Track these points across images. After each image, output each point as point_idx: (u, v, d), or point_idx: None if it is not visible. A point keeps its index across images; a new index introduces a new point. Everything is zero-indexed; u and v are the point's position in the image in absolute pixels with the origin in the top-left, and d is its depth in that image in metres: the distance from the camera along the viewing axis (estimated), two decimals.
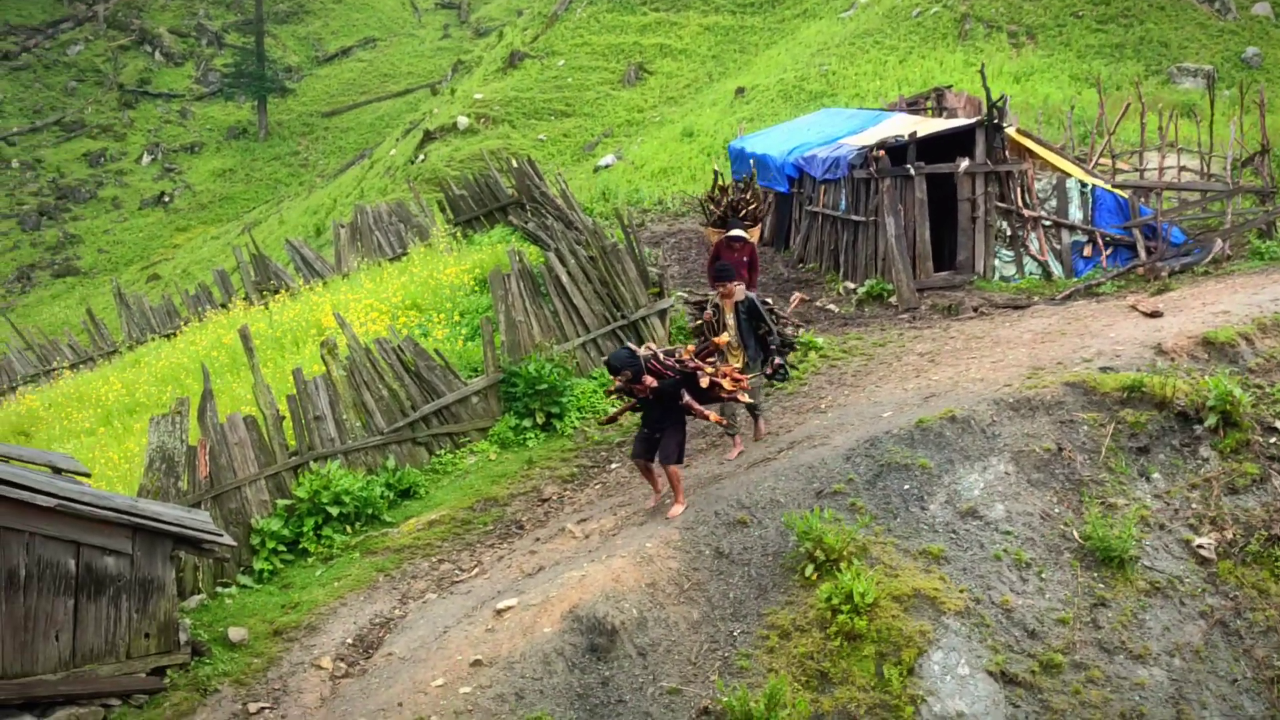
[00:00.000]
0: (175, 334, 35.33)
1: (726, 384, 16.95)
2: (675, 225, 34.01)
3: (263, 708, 14.72)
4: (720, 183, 26.30)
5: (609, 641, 14.65)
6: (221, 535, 16.54)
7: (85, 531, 15.39)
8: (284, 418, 20.40)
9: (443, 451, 21.51)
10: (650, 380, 16.43)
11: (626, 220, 25.55)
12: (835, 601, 14.83)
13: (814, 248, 29.64)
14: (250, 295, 35.31)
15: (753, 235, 23.67)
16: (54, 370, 37.32)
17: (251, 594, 18.06)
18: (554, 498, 19.28)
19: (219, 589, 18.34)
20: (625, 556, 15.79)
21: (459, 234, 33.68)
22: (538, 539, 17.76)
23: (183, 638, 16.08)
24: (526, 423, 21.73)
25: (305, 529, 19.19)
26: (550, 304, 23.64)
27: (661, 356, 16.75)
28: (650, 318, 24.12)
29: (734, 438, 18.89)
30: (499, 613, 15.34)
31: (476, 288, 27.38)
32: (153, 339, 36.20)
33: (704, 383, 16.66)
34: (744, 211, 24.38)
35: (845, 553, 15.36)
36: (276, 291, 34.03)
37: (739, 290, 18.49)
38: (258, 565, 18.72)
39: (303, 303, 30.53)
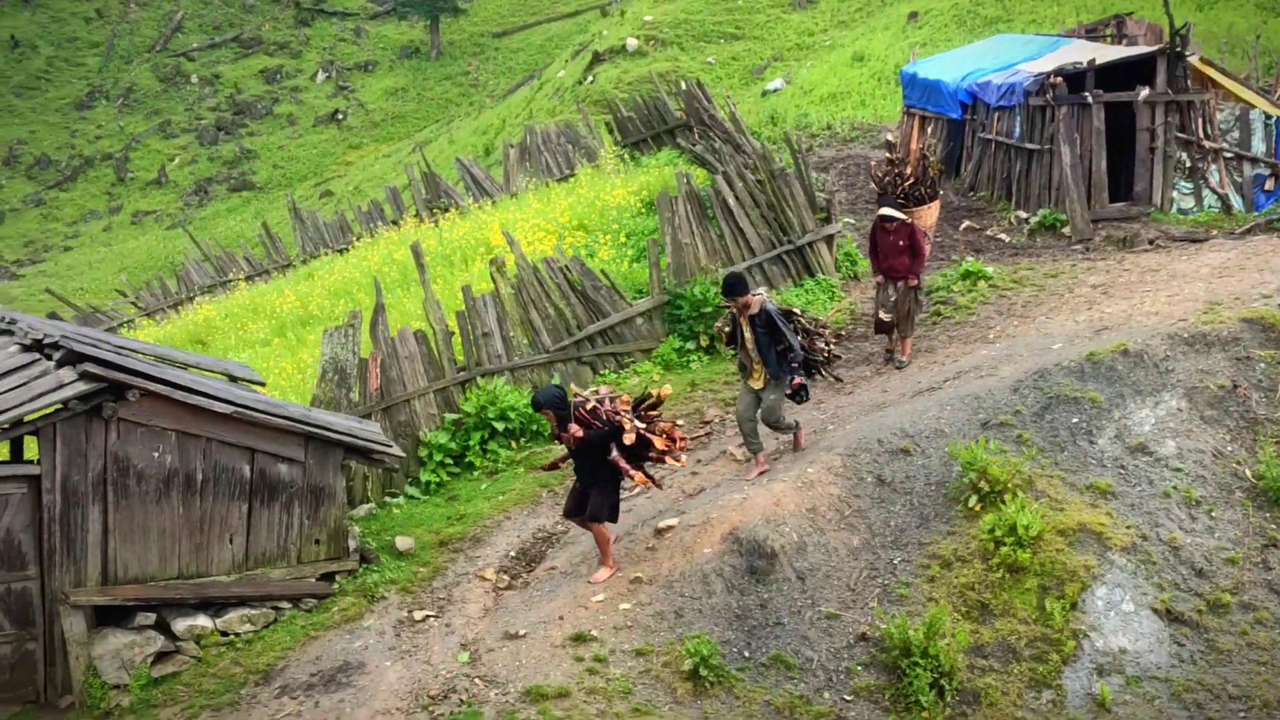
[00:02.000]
0: (347, 249, 35.95)
1: (659, 442, 14.93)
2: (843, 150, 33.63)
3: (428, 615, 15.06)
4: (892, 154, 22.12)
5: (768, 564, 14.71)
6: (391, 446, 16.91)
7: (260, 438, 15.82)
8: (452, 334, 20.70)
9: (606, 371, 21.67)
10: (576, 429, 14.64)
11: (795, 145, 25.36)
12: (998, 533, 14.70)
13: (985, 175, 29.12)
14: (421, 213, 35.75)
15: (922, 216, 20.72)
16: (230, 282, 38.23)
17: (418, 505, 18.45)
18: (715, 420, 19.34)
19: (387, 499, 18.77)
20: (786, 481, 15.81)
21: (626, 156, 33.70)
22: (699, 461, 17.85)
23: (351, 545, 16.50)
24: (690, 345, 21.78)
25: (471, 443, 19.53)
26: (716, 227, 23.60)
27: (595, 405, 14.91)
28: (817, 243, 23.96)
29: (757, 456, 16.89)
30: (659, 532, 15.48)
31: (643, 210, 27.42)
32: (325, 253, 36.88)
33: (628, 439, 14.73)
34: (901, 189, 20.69)
35: (1010, 485, 15.20)
36: (446, 209, 34.42)
37: (755, 302, 16.30)
38: (425, 477, 19.10)
39: (472, 221, 30.86)
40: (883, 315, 19.90)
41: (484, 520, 17.13)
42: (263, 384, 18.57)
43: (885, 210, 19.60)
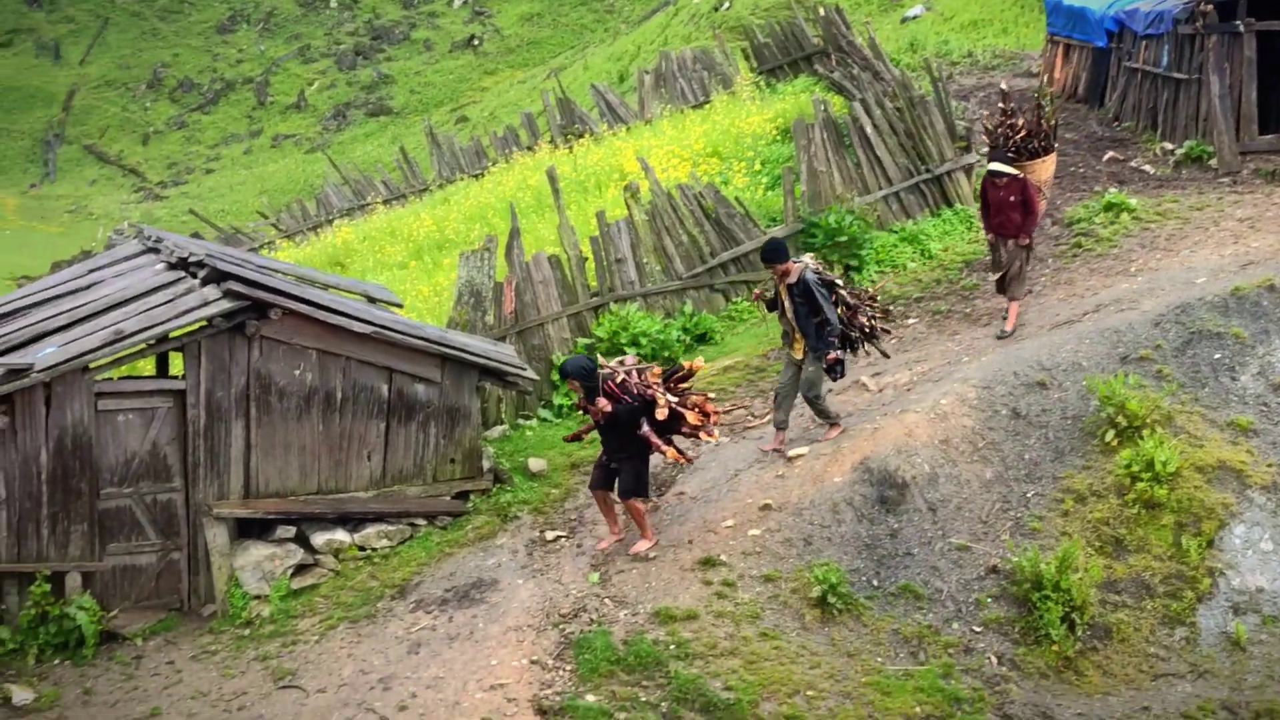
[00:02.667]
0: (483, 174, 36.14)
1: (691, 417, 14.46)
2: (984, 79, 33.04)
3: (559, 536, 15.25)
4: (1006, 104, 20.38)
5: (899, 494, 14.68)
6: (525, 369, 17.10)
7: (398, 359, 16.08)
8: (586, 259, 20.82)
9: (739, 299, 21.66)
10: (604, 404, 14.08)
11: (935, 72, 25.02)
12: (1135, 469, 14.53)
13: (1131, 105, 28.45)
14: (555, 138, 35.82)
15: (1035, 171, 19.15)
16: (368, 205, 38.68)
17: (551, 428, 18.65)
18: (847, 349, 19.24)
19: (520, 421, 19.00)
20: (919, 412, 15.73)
21: (762, 83, 33.43)
22: (830, 389, 17.80)
23: (485, 465, 16.74)
24: None
25: None
26: (853, 155, 23.40)
27: (625, 377, 14.38)
28: (955, 172, 23.66)
29: (779, 433, 16.10)
30: (790, 460, 15.51)
31: (778, 137, 27.24)
32: (461, 178, 37.12)
33: (661, 414, 14.18)
34: (1013, 142, 19.25)
35: (1148, 420, 14.99)
36: (580, 136, 34.45)
37: (794, 270, 15.35)
38: (557, 400, 19.29)
39: (606, 147, 30.87)
40: (993, 276, 19.13)
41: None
42: (400, 306, 18.84)
43: (994, 165, 18.22)
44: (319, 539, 15.57)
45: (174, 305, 15.24)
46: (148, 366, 18.34)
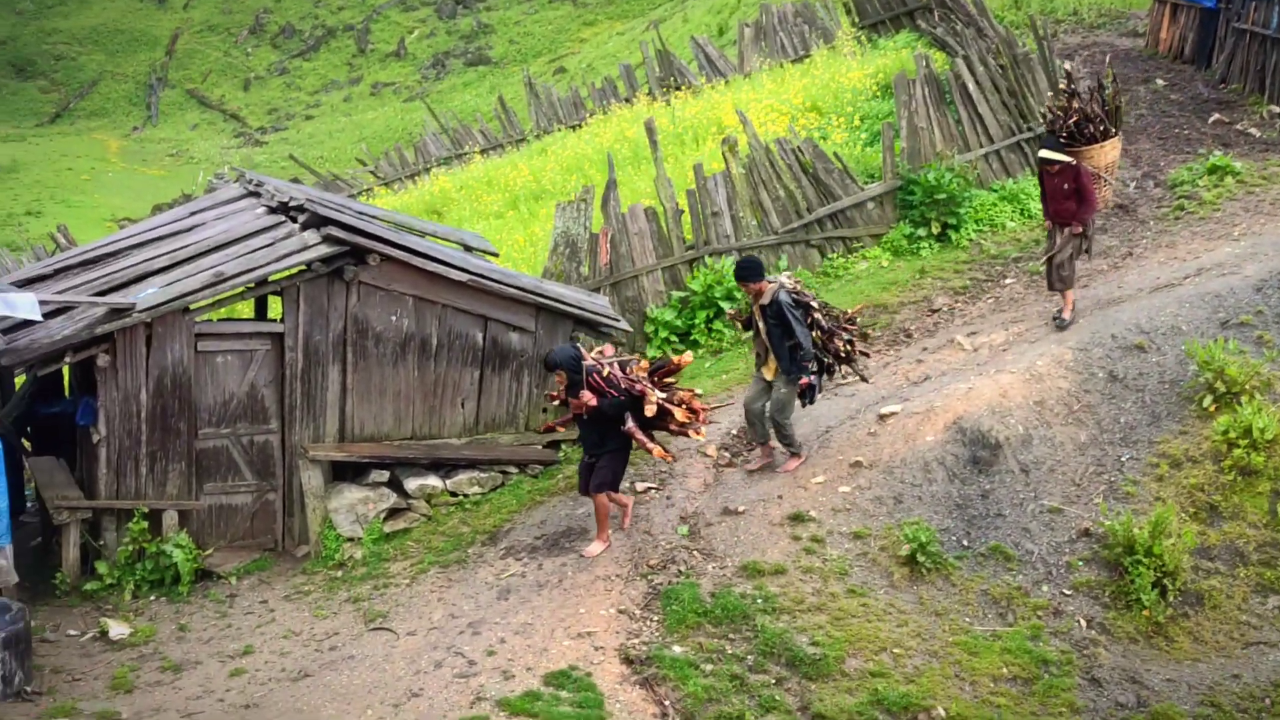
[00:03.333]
0: (580, 125, 36.14)
1: (678, 414, 13.91)
2: (1089, 38, 32.47)
3: (649, 488, 15.29)
4: (1068, 84, 18.36)
5: (992, 455, 14.59)
6: (618, 320, 17.15)
7: (493, 307, 16.18)
8: (682, 212, 20.78)
9: (834, 255, 21.53)
10: (588, 397, 13.50)
11: (1040, 30, 24.66)
12: (1232, 435, 14.33)
13: (1238, 68, 27.86)
14: (654, 91, 35.73)
15: (1093, 156, 17.48)
16: (465, 154, 38.82)
17: None
18: (944, 309, 19.11)
19: None
20: (1014, 372, 15.60)
21: (863, 37, 33.06)
22: (925, 348, 17.70)
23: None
24: (921, 231, 21.47)
25: (697, 321, 19.66)
26: (954, 112, 23.14)
27: (608, 369, 13.77)
28: None
29: (764, 445, 15.45)
30: (882, 418, 15.44)
31: (878, 93, 26.96)
32: (559, 129, 37.15)
33: (649, 410, 13.65)
34: (1064, 126, 17.68)
35: (1248, 386, 14.78)
36: (679, 88, 34.32)
37: (767, 291, 14.57)
38: (650, 353, 19.31)
39: (704, 100, 30.75)
40: (1042, 261, 17.98)
41: (707, 398, 17.24)
42: (496, 255, 18.93)
43: (1043, 152, 17.19)
44: (412, 484, 15.73)
45: (274, 249, 15.42)
46: (246, 309, 18.58)
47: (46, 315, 14.59)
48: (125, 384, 14.74)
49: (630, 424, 13.71)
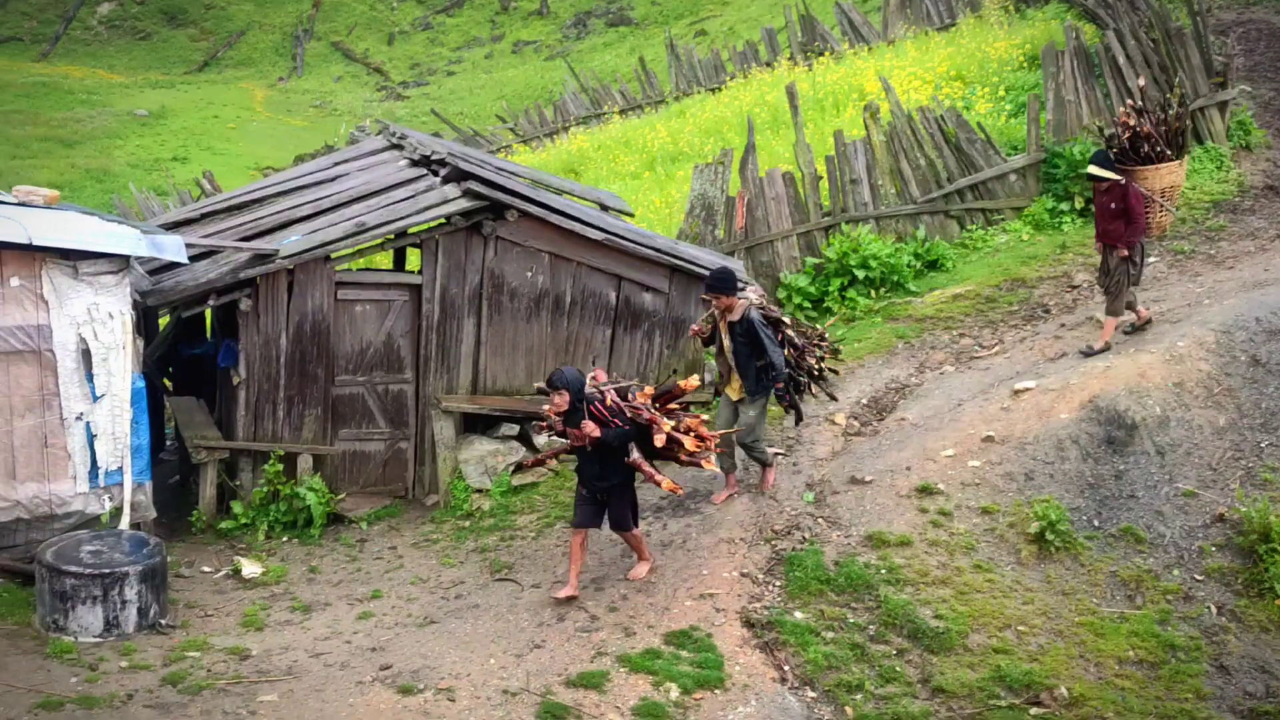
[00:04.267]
0: (720, 88, 36.01)
1: (688, 443, 12.56)
2: (1244, 14, 31.68)
3: (776, 453, 15.25)
4: (1136, 101, 17.47)
5: (1127, 435, 14.35)
6: (752, 284, 17.08)
7: (627, 267, 16.24)
8: (820, 178, 20.66)
9: (974, 227, 21.27)
10: (590, 428, 12.20)
11: (1195, 4, 24.07)
12: None
13: None
14: (795, 56, 35.49)
15: (1147, 178, 16.58)
16: (604, 114, 38.89)
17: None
18: (1084, 285, 18.80)
19: None
20: (1154, 353, 15.32)
21: (1011, 7, 32.51)
22: (1063, 325, 17.44)
23: (707, 379, 16.80)
24: (1064, 206, 21.12)
25: (831, 289, 19.57)
26: (1103, 85, 22.70)
27: (610, 398, 12.47)
28: (1209, 109, 22.74)
29: (728, 476, 14.48)
30: (1016, 393, 15.25)
31: (1025, 64, 26.54)
32: (698, 91, 37.05)
33: (659, 440, 12.40)
34: (1118, 144, 16.83)
35: None
36: (821, 54, 34.04)
37: (739, 307, 13.66)
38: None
39: (846, 67, 30.48)
40: (1099, 287, 17.01)
41: (837, 366, 17.18)
42: (631, 215, 18.99)
43: (1091, 167, 16.31)
44: (541, 439, 15.86)
45: (415, 201, 15.60)
46: (385, 260, 18.82)
47: (192, 258, 14.93)
48: (266, 328, 15.02)
49: (635, 455, 12.48)
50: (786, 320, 14.33)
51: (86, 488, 13.75)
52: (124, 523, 13.76)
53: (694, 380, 13.00)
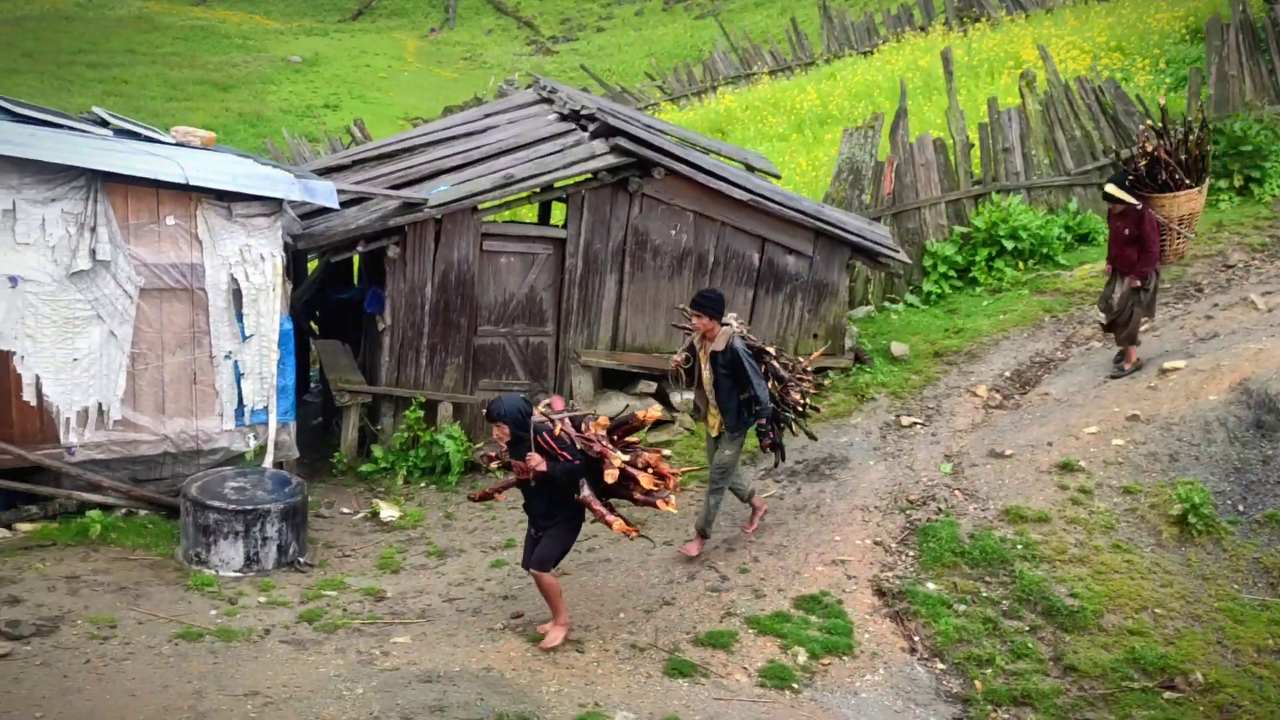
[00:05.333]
0: (872, 52, 35.70)
1: (645, 480, 11.02)
2: None
3: (915, 422, 15.14)
4: (1158, 121, 15.90)
5: (1277, 420, 13.98)
6: (898, 251, 16.95)
7: (771, 228, 16.17)
8: (971, 146, 20.38)
9: None
10: (537, 460, 10.60)
11: None
12: None
13: None
14: (950, 20, 35.05)
15: (1165, 206, 15.37)
16: (754, 74, 38.72)
17: (916, 314, 18.46)
18: (1239, 265, 18.35)
19: (886, 304, 18.88)
20: None
21: None
22: (1215, 305, 17.04)
23: (847, 344, 16.73)
24: (1222, 184, 20.60)
25: (978, 259, 19.32)
26: (1268, 61, 22.07)
27: (560, 427, 10.86)
28: None
29: (699, 536, 13.06)
30: (1163, 372, 14.94)
31: (1187, 36, 25.95)
32: (850, 54, 36.75)
33: (609, 476, 10.80)
34: (1135, 167, 15.47)
35: None
36: (977, 20, 33.58)
37: (722, 335, 12.35)
38: (926, 287, 19.06)
39: (1003, 33, 30.05)
40: (1100, 314, 16.01)
41: (981, 337, 16.98)
42: (778, 177, 18.88)
43: (1108, 187, 15.44)
44: (677, 397, 15.89)
45: (563, 155, 15.64)
46: (530, 214, 18.92)
47: (342, 204, 15.12)
48: (412, 276, 15.19)
49: (586, 492, 10.89)
50: (770, 351, 13.01)
51: (232, 425, 14.07)
52: (267, 461, 14.06)
53: (654, 411, 11.59)
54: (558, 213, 18.60)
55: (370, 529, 14.22)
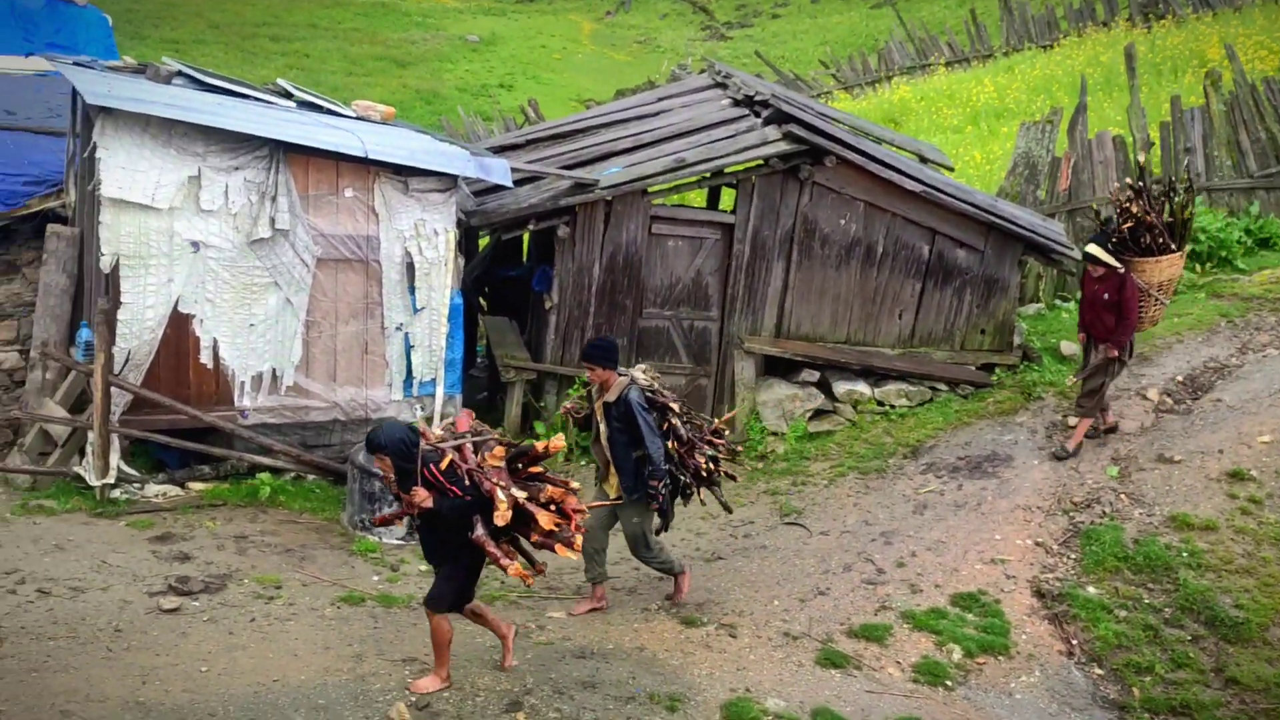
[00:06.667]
0: (1052, 45, 35.11)
1: (543, 519, 9.43)
2: None
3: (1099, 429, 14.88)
4: (1139, 178, 14.61)
5: None
6: (1072, 249, 16.67)
7: (942, 221, 16.02)
8: (1152, 144, 19.95)
9: None
10: (422, 495, 9.21)
11: None
12: None
13: None
14: (1134, 16, 34.30)
15: (1146, 271, 14.15)
16: (929, 65, 38.29)
17: None
18: None
19: (1058, 302, 18.59)
20: None
21: None
22: None
23: (1015, 341, 16.51)
24: None
25: None
26: None
27: (450, 458, 9.32)
28: None
29: (594, 588, 11.66)
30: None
31: None
32: (1029, 47, 36.16)
33: (499, 517, 9.22)
34: (1118, 229, 14.23)
35: None
36: (1162, 17, 32.83)
37: (616, 385, 11.05)
38: None
39: (1188, 31, 29.37)
40: (1072, 380, 14.83)
41: (1154, 339, 16.60)
42: (951, 169, 18.68)
43: (1090, 247, 14.11)
44: (840, 388, 15.82)
45: (734, 141, 15.65)
46: (698, 199, 18.95)
47: (515, 183, 15.29)
48: (580, 256, 15.33)
49: (479, 531, 9.40)
50: (674, 409, 11.27)
51: (400, 396, 14.34)
52: None
53: (557, 441, 9.76)
54: (726, 199, 18.60)
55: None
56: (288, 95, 15.60)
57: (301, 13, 55.36)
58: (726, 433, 11.93)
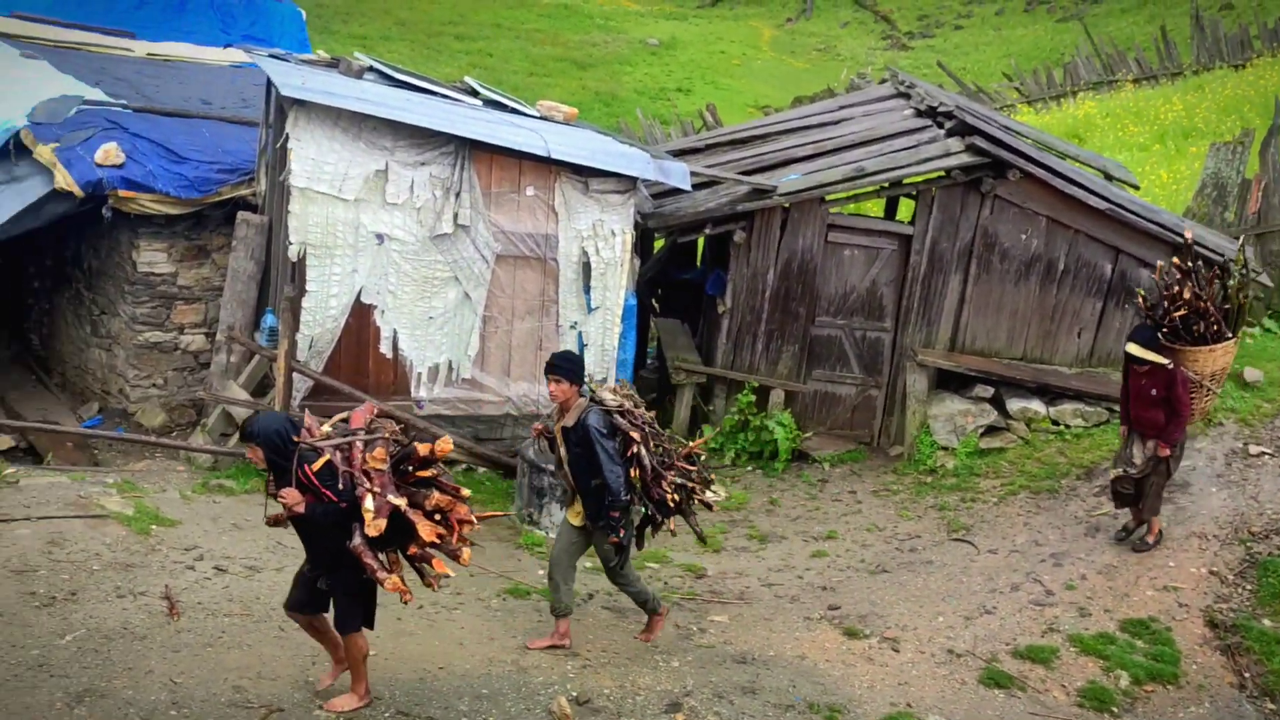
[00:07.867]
0: (1244, 65, 34.20)
1: (424, 529, 8.35)
2: None
3: (1263, 452, 14.48)
4: (1182, 260, 12.97)
5: None
6: (1260, 273, 16.27)
7: (1127, 240, 15.75)
8: None
9: None
10: (292, 497, 8.31)
11: None
12: None
13: None
14: None
15: (1199, 361, 12.84)
16: (1116, 81, 37.54)
17: (1274, 339, 17.69)
18: None
19: (1245, 328, 18.07)
20: None
21: None
22: None
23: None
24: None
25: None
26: None
27: (328, 456, 8.33)
28: None
29: (557, 622, 10.56)
30: None
31: None
32: (1220, 66, 35.26)
33: (371, 529, 8.15)
34: (1169, 319, 12.78)
35: None
36: None
37: (576, 406, 10.15)
38: None
39: None
40: (1116, 478, 12.94)
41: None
42: (1136, 187, 18.34)
43: (1130, 347, 12.56)
44: (1014, 405, 15.59)
45: (916, 152, 15.54)
46: (876, 208, 18.85)
47: (693, 186, 15.35)
48: (755, 262, 15.35)
49: (356, 540, 8.35)
50: (636, 436, 10.20)
51: None
52: None
53: (444, 443, 8.58)
54: (903, 210, 18.47)
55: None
56: (474, 93, 15.85)
57: (487, 12, 56.13)
58: (703, 457, 11.23)
